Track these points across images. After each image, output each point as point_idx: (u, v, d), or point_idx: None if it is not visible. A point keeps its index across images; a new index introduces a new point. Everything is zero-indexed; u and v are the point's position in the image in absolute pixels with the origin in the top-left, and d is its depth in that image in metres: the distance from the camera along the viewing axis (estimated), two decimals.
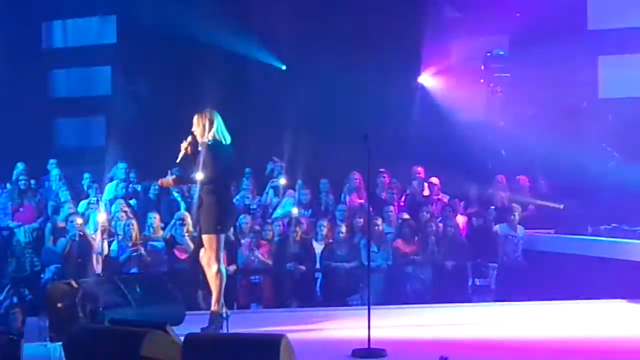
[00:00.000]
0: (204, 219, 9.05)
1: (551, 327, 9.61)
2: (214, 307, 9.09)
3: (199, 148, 9.02)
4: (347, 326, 9.35)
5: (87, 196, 13.76)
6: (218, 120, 9.03)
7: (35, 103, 16.21)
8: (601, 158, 13.44)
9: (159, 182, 9.53)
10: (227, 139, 9.08)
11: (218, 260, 9.00)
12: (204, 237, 9.05)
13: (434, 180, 14.42)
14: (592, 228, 12.69)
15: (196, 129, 9.05)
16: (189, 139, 9.06)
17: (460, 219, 13.61)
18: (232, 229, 12.19)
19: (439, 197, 14.24)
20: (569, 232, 12.97)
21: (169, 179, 9.34)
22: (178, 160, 9.41)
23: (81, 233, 12.28)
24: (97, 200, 13.42)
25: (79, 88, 17.11)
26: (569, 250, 12.57)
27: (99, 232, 12.41)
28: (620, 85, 14.99)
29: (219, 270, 9.01)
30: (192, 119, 9.15)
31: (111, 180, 14.27)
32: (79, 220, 12.51)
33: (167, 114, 15.18)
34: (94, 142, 16.61)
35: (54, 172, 14.42)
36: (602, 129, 14.51)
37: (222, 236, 9.10)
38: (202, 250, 9.15)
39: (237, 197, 14.14)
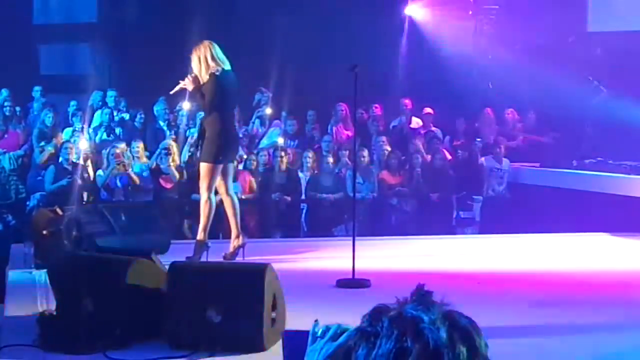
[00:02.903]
0: (205, 148, 9.01)
1: (534, 260, 9.69)
2: (200, 236, 9.12)
3: (201, 82, 8.93)
4: (331, 257, 9.40)
5: (72, 124, 13.69)
6: (215, 50, 8.96)
7: (18, 29, 16.02)
8: (588, 92, 13.43)
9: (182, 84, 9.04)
10: (227, 66, 8.99)
11: (210, 189, 9.01)
12: (201, 164, 9.06)
13: (428, 110, 14.37)
14: (577, 162, 12.73)
15: (195, 62, 8.95)
16: (192, 74, 8.95)
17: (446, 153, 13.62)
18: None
19: (432, 128, 14.20)
20: (554, 165, 13.01)
21: (189, 80, 8.97)
22: (172, 92, 9.37)
23: (73, 160, 12.25)
24: (82, 128, 13.36)
25: (64, 14, 16.90)
26: (554, 184, 12.62)
27: (81, 159, 12.37)
28: (609, 19, 14.89)
29: (208, 199, 9.03)
30: (177, 46, 9.10)
31: (96, 108, 14.17)
32: (82, 145, 12.50)
33: (154, 41, 15.05)
34: (79, 69, 16.46)
35: (39, 99, 14.32)
36: (590, 63, 14.46)
37: (220, 166, 9.04)
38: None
39: None
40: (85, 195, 12.25)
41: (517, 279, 8.60)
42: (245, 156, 12.96)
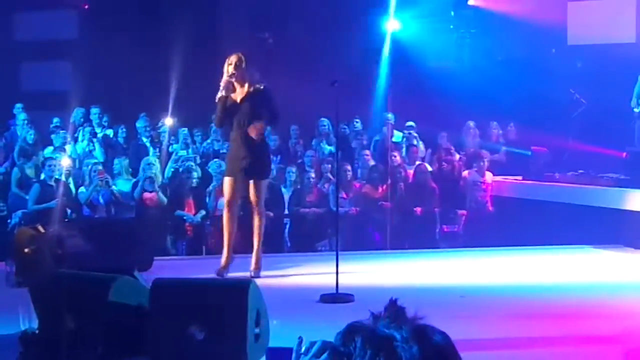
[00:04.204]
0: (262, 164, 9.01)
1: (517, 273, 9.69)
2: (259, 246, 9.12)
3: (242, 93, 8.92)
4: (315, 272, 9.38)
5: (53, 141, 13.63)
6: None
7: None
8: (569, 104, 13.49)
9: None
10: None
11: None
12: (262, 182, 9.05)
13: (410, 123, 14.40)
14: (559, 174, 12.76)
15: (245, 70, 8.92)
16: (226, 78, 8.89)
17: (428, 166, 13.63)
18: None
19: (414, 142, 14.20)
20: (537, 178, 13.04)
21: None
22: (218, 98, 9.03)
23: (56, 177, 12.16)
24: (64, 145, 13.30)
25: (45, 31, 16.86)
26: (536, 197, 12.65)
27: (63, 176, 12.30)
28: (589, 32, 14.98)
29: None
30: (158, 62, 9.07)
31: (78, 125, 14.12)
32: (64, 162, 12.41)
33: (135, 57, 15.02)
34: (60, 86, 16.41)
35: (21, 116, 14.26)
36: (570, 75, 14.53)
37: None
38: (252, 195, 9.05)
39: (207, 142, 14.08)
40: (67, 212, 12.18)
41: (501, 292, 8.60)
42: None
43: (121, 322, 6.13)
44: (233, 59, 8.96)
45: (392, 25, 15.92)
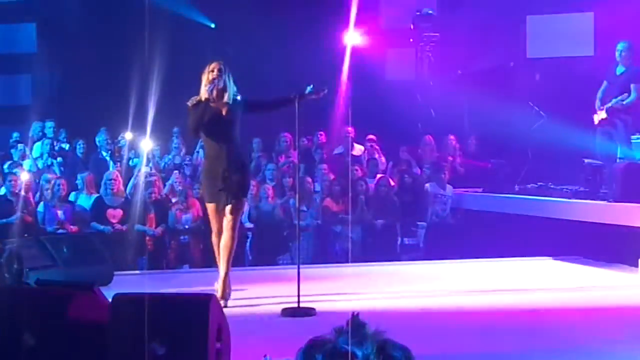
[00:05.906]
0: (242, 182, 8.43)
1: (478, 285, 9.73)
2: (227, 271, 8.60)
3: (224, 102, 8.42)
4: (277, 285, 9.36)
5: (11, 156, 13.52)
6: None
7: None
8: (528, 117, 13.59)
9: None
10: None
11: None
12: (242, 200, 8.56)
13: (371, 137, 14.44)
14: (519, 186, 12.84)
15: (223, 79, 8.53)
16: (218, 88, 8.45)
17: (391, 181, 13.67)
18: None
19: (375, 155, 14.25)
20: (497, 190, 13.11)
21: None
22: (193, 104, 8.46)
23: (16, 192, 12.03)
24: (22, 157, 13.19)
25: (4, 45, 16.74)
26: (497, 209, 12.71)
27: (22, 191, 12.18)
28: (548, 45, 15.11)
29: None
30: (117, 76, 8.97)
31: (36, 139, 14.02)
32: (23, 176, 12.25)
33: (94, 71, 14.94)
34: (19, 100, 16.29)
35: None
36: (529, 88, 14.64)
37: None
38: (229, 213, 8.39)
39: (168, 156, 14.03)
40: (26, 227, 12.05)
41: (462, 305, 8.62)
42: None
43: (81, 338, 6.08)
44: (215, 65, 8.60)
45: (352, 37, 15.96)
